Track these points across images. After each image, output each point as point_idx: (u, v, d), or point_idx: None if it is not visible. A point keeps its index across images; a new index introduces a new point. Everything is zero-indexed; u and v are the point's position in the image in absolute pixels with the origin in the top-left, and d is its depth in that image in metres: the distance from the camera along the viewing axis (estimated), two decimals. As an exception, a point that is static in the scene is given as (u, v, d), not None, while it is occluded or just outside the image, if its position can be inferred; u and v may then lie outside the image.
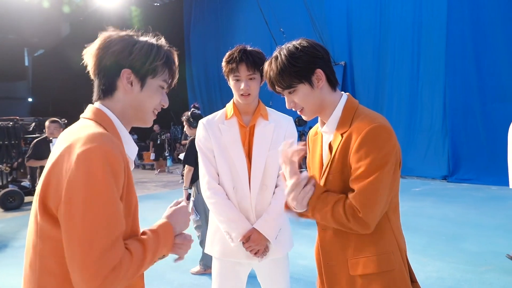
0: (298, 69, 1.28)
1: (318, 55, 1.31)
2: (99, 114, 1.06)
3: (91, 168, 0.90)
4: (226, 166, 1.87)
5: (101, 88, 1.09)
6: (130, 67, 1.07)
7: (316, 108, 1.34)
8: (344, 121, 1.31)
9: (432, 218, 5.77)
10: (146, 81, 1.09)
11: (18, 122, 8.61)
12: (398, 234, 1.32)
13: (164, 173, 12.98)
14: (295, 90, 1.31)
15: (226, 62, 1.84)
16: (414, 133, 10.01)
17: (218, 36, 15.82)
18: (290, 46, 1.31)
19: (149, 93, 1.11)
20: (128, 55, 1.06)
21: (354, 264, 1.28)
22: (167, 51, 1.13)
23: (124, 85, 1.07)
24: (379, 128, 1.22)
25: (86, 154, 0.91)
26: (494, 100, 8.87)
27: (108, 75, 1.07)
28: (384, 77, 10.87)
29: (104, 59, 1.06)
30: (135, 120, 1.13)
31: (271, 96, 11.48)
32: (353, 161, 1.24)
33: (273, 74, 1.31)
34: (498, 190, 7.81)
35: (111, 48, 1.06)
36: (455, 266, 3.90)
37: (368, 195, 1.19)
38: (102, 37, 1.09)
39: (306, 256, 3.99)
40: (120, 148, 1.00)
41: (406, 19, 10.24)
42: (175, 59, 1.15)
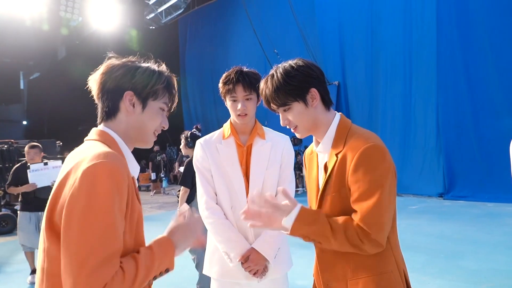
0: (293, 88, 1.31)
1: (313, 74, 1.34)
2: (103, 135, 1.11)
3: (94, 183, 0.92)
4: (223, 186, 1.87)
5: (105, 110, 1.13)
6: (133, 90, 1.12)
7: (310, 126, 1.37)
8: (338, 140, 1.33)
9: (430, 236, 5.74)
10: (147, 103, 1.14)
11: (13, 145, 8.56)
12: (397, 253, 1.32)
13: (160, 194, 12.88)
14: (289, 108, 1.34)
15: (223, 83, 1.86)
16: (409, 151, 10.07)
17: (213, 58, 16.05)
18: (286, 65, 1.35)
19: (150, 115, 1.15)
20: (131, 79, 1.12)
21: (354, 285, 1.27)
22: (167, 76, 1.18)
23: (127, 106, 1.12)
24: (373, 148, 1.24)
25: (91, 170, 0.93)
26: (487, 116, 8.97)
27: (112, 97, 1.12)
28: (377, 96, 11.01)
29: (108, 83, 1.12)
30: (136, 141, 1.18)
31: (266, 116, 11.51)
32: (351, 182, 1.25)
33: (268, 91, 1.34)
34: (494, 207, 7.81)
35: (114, 73, 1.12)
36: (455, 284, 3.86)
37: (374, 215, 1.20)
38: (106, 63, 1.14)
39: (305, 276, 3.94)
40: (125, 165, 1.02)
41: (397, 38, 10.46)
42: (175, 84, 1.21)
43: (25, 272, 4.89)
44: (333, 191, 1.30)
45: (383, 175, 1.23)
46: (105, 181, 0.93)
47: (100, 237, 0.90)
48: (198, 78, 17.43)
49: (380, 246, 1.21)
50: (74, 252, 0.89)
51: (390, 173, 1.25)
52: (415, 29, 10.10)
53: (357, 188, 1.23)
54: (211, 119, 16.60)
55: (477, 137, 9.08)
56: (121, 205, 0.97)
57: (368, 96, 11.21)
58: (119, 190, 0.95)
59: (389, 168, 1.25)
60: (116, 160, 0.98)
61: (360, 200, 1.22)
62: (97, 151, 0.99)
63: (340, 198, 1.29)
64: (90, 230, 0.90)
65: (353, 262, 1.27)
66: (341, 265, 1.30)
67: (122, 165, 1.00)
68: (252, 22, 12.13)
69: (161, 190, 13.16)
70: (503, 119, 8.68)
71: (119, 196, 0.96)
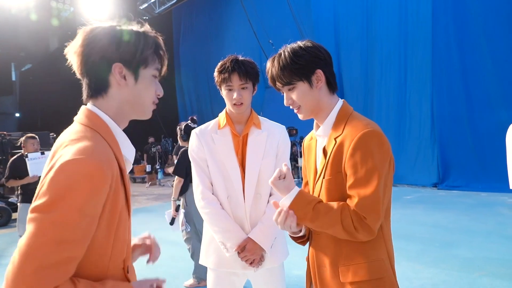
0: (299, 67, 1.31)
1: (321, 56, 1.35)
2: (92, 118, 1.00)
3: (69, 180, 0.84)
4: (219, 176, 1.86)
5: (92, 87, 1.02)
6: (121, 60, 1.00)
7: (313, 108, 1.36)
8: (338, 125, 1.33)
9: (424, 226, 5.79)
10: (139, 72, 1.03)
11: (5, 137, 8.48)
12: (389, 242, 1.32)
13: (155, 186, 12.87)
14: (294, 87, 1.34)
15: (218, 72, 1.84)
16: (403, 141, 10.13)
17: (208, 48, 15.94)
18: (295, 45, 1.36)
19: (144, 85, 1.04)
20: (117, 48, 1.00)
21: (345, 271, 1.27)
22: (154, 38, 1.06)
23: (118, 80, 1.00)
24: (371, 133, 1.23)
25: (69, 165, 0.85)
26: (481, 107, 9.03)
27: (98, 72, 1.00)
28: (373, 87, 11.02)
29: (92, 56, 0.99)
30: (133, 114, 1.08)
31: (262, 106, 11.48)
32: (348, 166, 1.24)
33: (275, 70, 1.35)
34: (488, 196, 7.90)
35: (98, 43, 0.99)
36: (449, 272, 3.91)
37: (371, 201, 1.20)
38: (84, 32, 1.01)
39: (300, 266, 3.96)
40: (110, 160, 0.93)
41: (392, 29, 10.44)
42: (162, 45, 1.09)
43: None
44: (329, 174, 1.30)
45: (381, 161, 1.22)
46: (82, 180, 0.84)
47: (56, 239, 0.82)
48: (193, 69, 17.32)
49: (372, 233, 1.21)
50: (28, 244, 0.81)
51: (387, 160, 1.25)
52: (410, 20, 10.08)
53: (354, 173, 1.23)
54: (206, 111, 16.53)
55: (471, 128, 9.15)
56: (97, 207, 0.88)
57: (363, 87, 11.22)
58: (97, 191, 0.87)
59: (387, 154, 1.25)
60: (101, 158, 0.89)
61: (356, 185, 1.22)
62: (83, 144, 0.90)
63: (335, 182, 1.29)
64: (48, 230, 0.82)
65: (345, 248, 1.28)
66: (333, 251, 1.30)
67: (106, 162, 0.90)
68: (247, 13, 12.02)
69: (157, 181, 13.14)
70: (497, 110, 8.74)
71: (96, 197, 0.87)
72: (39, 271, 0.80)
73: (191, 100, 17.94)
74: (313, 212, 1.24)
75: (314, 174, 1.40)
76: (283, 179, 1.30)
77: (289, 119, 3.53)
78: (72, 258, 0.85)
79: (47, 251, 0.81)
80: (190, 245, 3.93)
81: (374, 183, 1.20)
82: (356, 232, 1.20)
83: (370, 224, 1.19)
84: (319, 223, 1.25)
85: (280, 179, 1.31)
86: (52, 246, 0.81)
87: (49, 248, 0.81)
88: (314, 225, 1.27)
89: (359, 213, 1.20)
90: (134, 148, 1.10)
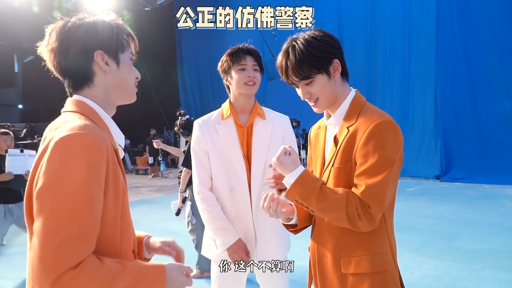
0: (317, 59, 1.24)
1: (335, 45, 1.29)
2: (81, 105, 1.01)
3: (67, 155, 0.84)
4: (222, 168, 1.84)
5: (77, 79, 1.03)
6: (101, 48, 1.02)
7: (331, 99, 1.32)
8: (351, 114, 1.29)
9: (427, 217, 5.80)
10: (118, 57, 1.05)
11: (9, 129, 8.51)
12: (391, 235, 1.31)
13: (158, 177, 12.91)
14: (312, 81, 1.27)
15: (229, 56, 1.83)
16: (407, 133, 10.09)
17: (210, 40, 15.84)
18: (306, 36, 1.27)
19: (126, 68, 1.07)
20: (95, 37, 1.01)
21: (347, 262, 1.26)
22: (122, 25, 1.09)
23: (102, 66, 1.02)
24: (387, 123, 1.20)
25: (64, 141, 0.85)
26: (485, 99, 8.98)
27: (81, 63, 1.01)
28: (376, 78, 10.96)
29: (71, 49, 0.99)
30: (120, 99, 1.09)
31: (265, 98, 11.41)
32: (359, 155, 1.21)
33: (290, 64, 1.26)
34: (490, 188, 7.88)
35: (74, 36, 1.00)
36: (451, 264, 3.92)
37: (378, 191, 1.17)
38: (55, 28, 1.02)
39: (302, 257, 3.98)
40: (104, 137, 0.94)
41: (396, 20, 10.34)
42: (128, 28, 1.11)
43: (26, 254, 4.92)
44: (339, 163, 1.26)
45: (394, 152, 1.19)
46: (79, 153, 0.85)
47: (70, 214, 0.82)
48: (195, 62, 17.25)
49: (374, 223, 1.19)
50: (44, 224, 0.81)
51: (400, 151, 1.22)
52: (414, 12, 9.98)
53: (365, 161, 1.19)
54: (208, 104, 16.51)
55: (475, 120, 9.11)
56: (99, 180, 0.88)
57: (366, 79, 11.15)
58: (96, 164, 0.87)
59: (399, 147, 1.22)
60: (93, 132, 0.90)
61: (366, 174, 1.18)
62: (74, 123, 0.91)
63: (345, 171, 1.25)
64: (60, 206, 0.82)
65: (348, 240, 1.26)
66: (335, 242, 1.29)
67: (100, 137, 0.91)
68: (250, 4, 11.92)
69: (159, 173, 13.18)
70: (500, 103, 8.70)
71: (97, 171, 0.87)
72: (61, 247, 0.80)
73: (194, 92, 17.90)
74: (320, 191, 1.19)
75: (322, 163, 1.37)
76: (289, 155, 1.25)
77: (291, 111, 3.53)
78: (89, 231, 0.85)
79: (63, 227, 0.81)
80: (195, 236, 3.95)
81: (384, 173, 1.17)
82: (358, 219, 1.17)
83: (373, 213, 1.17)
84: (324, 204, 1.18)
85: (286, 155, 1.25)
86: (67, 220, 0.82)
87: (64, 223, 0.82)
88: (319, 206, 1.19)
89: (364, 201, 1.17)
90: (123, 135, 1.11)
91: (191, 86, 17.97)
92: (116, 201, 0.95)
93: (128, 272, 0.90)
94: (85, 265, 0.83)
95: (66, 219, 0.82)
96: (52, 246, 0.80)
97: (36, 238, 0.82)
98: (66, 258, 0.80)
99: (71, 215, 0.82)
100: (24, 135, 8.82)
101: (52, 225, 0.81)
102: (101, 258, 0.87)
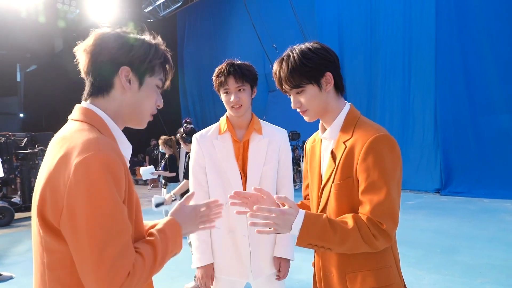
0: (309, 70, 1.27)
1: (330, 58, 1.31)
2: (89, 114, 1.01)
3: (91, 178, 0.87)
4: (218, 182, 1.86)
5: (96, 85, 1.03)
6: (129, 65, 1.03)
7: (320, 111, 1.34)
8: (346, 128, 1.30)
9: (427, 231, 5.77)
10: (144, 79, 1.06)
11: (10, 138, 8.54)
12: (395, 248, 1.31)
13: (157, 188, 12.87)
14: (303, 90, 1.30)
15: (215, 77, 1.84)
16: (407, 146, 10.10)
17: (211, 52, 15.98)
18: (303, 46, 1.31)
19: (147, 92, 1.07)
20: (128, 52, 1.03)
21: (352, 278, 1.26)
22: (164, 51, 1.10)
23: (123, 82, 1.02)
24: (383, 138, 1.22)
25: (85, 164, 0.87)
26: (484, 113, 9.00)
27: (104, 72, 1.02)
28: (376, 91, 11.01)
29: (101, 56, 1.01)
30: (129, 120, 1.09)
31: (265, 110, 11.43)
32: (360, 171, 1.22)
33: (283, 72, 1.30)
34: (490, 202, 7.86)
35: (109, 45, 1.02)
36: (451, 278, 3.89)
37: (386, 206, 1.17)
38: (96, 33, 1.04)
39: (302, 270, 3.95)
40: (117, 151, 0.96)
41: (396, 33, 10.44)
42: (170, 59, 1.13)
43: (24, 264, 4.90)
44: (339, 179, 1.27)
45: (393, 165, 1.20)
46: (101, 174, 0.87)
47: (111, 232, 0.87)
48: (197, 73, 17.36)
49: (390, 239, 1.19)
50: (89, 250, 0.85)
51: (399, 165, 1.23)
52: (414, 25, 10.08)
53: (366, 178, 1.20)
54: (209, 113, 16.57)
55: (474, 134, 9.12)
56: (120, 194, 0.92)
57: (367, 91, 11.20)
58: (116, 180, 0.90)
59: (398, 159, 1.23)
60: (108, 149, 0.92)
61: (370, 191, 1.19)
62: (85, 138, 0.92)
63: (346, 187, 1.26)
64: (100, 228, 0.86)
65: (352, 255, 1.26)
66: (340, 258, 1.29)
67: (115, 152, 0.93)
68: (251, 17, 12.06)
69: (159, 184, 13.14)
70: (500, 116, 8.72)
71: (117, 186, 0.91)
72: (114, 264, 0.86)
73: (194, 103, 17.98)
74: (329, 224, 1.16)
75: (319, 179, 1.38)
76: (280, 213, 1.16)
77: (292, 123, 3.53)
78: (129, 238, 0.91)
79: (111, 246, 0.86)
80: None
81: (387, 188, 1.17)
82: (375, 240, 1.16)
83: (387, 230, 1.16)
84: (339, 236, 1.16)
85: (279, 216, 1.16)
86: (112, 239, 0.87)
87: (110, 242, 0.86)
88: (336, 240, 1.16)
89: (375, 220, 1.16)
90: (131, 145, 1.11)
91: (192, 96, 18.06)
92: (131, 212, 0.99)
93: (157, 246, 0.98)
94: (135, 269, 0.89)
95: (109, 238, 0.87)
96: (106, 264, 0.85)
97: (85, 260, 0.86)
98: (121, 272, 0.86)
99: (113, 232, 0.88)
100: (25, 144, 8.82)
101: (99, 246, 0.86)
102: (138, 251, 0.94)
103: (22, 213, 8.25)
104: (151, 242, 0.99)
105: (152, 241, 0.99)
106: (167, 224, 1.07)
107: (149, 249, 0.96)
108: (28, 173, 8.47)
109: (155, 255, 0.97)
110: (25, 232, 6.82)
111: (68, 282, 0.93)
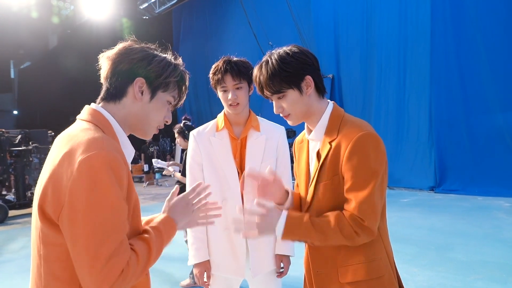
0: (288, 75, 1.28)
1: (308, 62, 1.32)
2: (97, 116, 1.06)
3: (94, 176, 0.90)
4: (215, 178, 1.85)
5: (110, 91, 1.09)
6: (145, 77, 1.08)
7: (303, 114, 1.35)
8: (331, 128, 1.32)
9: (421, 229, 5.81)
10: (156, 93, 1.11)
11: (3, 135, 8.46)
12: (386, 240, 1.33)
13: (153, 185, 12.85)
14: (284, 95, 1.31)
15: (212, 74, 1.84)
16: (401, 144, 10.15)
17: (207, 49, 15.95)
18: (281, 51, 1.32)
19: (156, 106, 1.12)
20: (147, 65, 1.08)
21: (344, 272, 1.28)
22: (182, 71, 1.16)
23: (136, 92, 1.08)
24: (367, 136, 1.24)
25: (88, 162, 0.90)
26: (478, 111, 9.07)
27: (121, 80, 1.08)
28: (371, 90, 11.05)
29: (122, 64, 1.08)
30: (135, 129, 1.14)
31: (261, 106, 11.45)
32: (345, 170, 1.25)
33: (263, 78, 1.31)
34: (484, 200, 7.92)
35: (131, 56, 1.08)
36: (445, 275, 3.93)
37: (369, 203, 1.21)
38: (122, 44, 1.11)
39: (296, 267, 3.97)
40: (120, 151, 1.00)
41: (391, 32, 10.48)
42: (187, 80, 1.19)
43: (17, 261, 4.87)
44: (326, 179, 1.30)
45: (378, 163, 1.23)
46: (103, 172, 0.90)
47: (108, 230, 0.90)
48: (192, 70, 16.88)
49: (372, 234, 1.23)
50: (85, 246, 0.88)
51: (384, 161, 1.26)
52: (409, 23, 10.12)
53: (351, 176, 1.23)
54: (204, 111, 16.55)
55: (469, 132, 9.18)
56: (123, 193, 0.96)
57: (362, 90, 11.24)
58: (118, 178, 0.93)
59: (383, 156, 1.26)
60: (112, 148, 0.95)
61: (354, 189, 1.22)
62: (90, 137, 0.95)
63: (332, 186, 1.29)
64: (98, 225, 0.89)
65: (343, 249, 1.28)
66: (331, 253, 1.31)
67: (117, 152, 0.97)
68: (247, 14, 12.05)
69: (154, 181, 13.13)
70: (494, 115, 8.78)
71: (119, 184, 0.94)
72: (108, 262, 0.88)
73: (190, 100, 17.95)
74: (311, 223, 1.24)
75: (306, 177, 1.40)
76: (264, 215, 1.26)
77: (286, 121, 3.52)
78: (125, 236, 0.94)
79: (107, 243, 0.89)
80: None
81: (370, 186, 1.21)
82: (356, 236, 1.21)
83: (368, 225, 1.20)
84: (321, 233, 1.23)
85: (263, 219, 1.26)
86: (109, 237, 0.89)
87: (107, 240, 0.89)
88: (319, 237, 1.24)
89: (358, 216, 1.21)
90: (134, 149, 1.15)
91: (188, 94, 17.94)
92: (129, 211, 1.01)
93: (152, 244, 1.01)
94: (129, 266, 0.92)
95: (107, 235, 0.89)
96: (101, 261, 0.88)
97: (82, 255, 0.89)
98: (114, 269, 0.89)
99: (110, 231, 0.90)
100: (19, 141, 8.75)
101: (96, 242, 0.88)
102: (133, 248, 0.96)
103: (16, 211, 8.21)
104: (146, 240, 1.01)
105: (146, 239, 1.02)
106: (163, 222, 1.11)
107: (144, 247, 0.99)
108: (22, 170, 8.41)
109: (149, 253, 1.00)
110: (19, 230, 6.79)
111: (62, 276, 0.95)
